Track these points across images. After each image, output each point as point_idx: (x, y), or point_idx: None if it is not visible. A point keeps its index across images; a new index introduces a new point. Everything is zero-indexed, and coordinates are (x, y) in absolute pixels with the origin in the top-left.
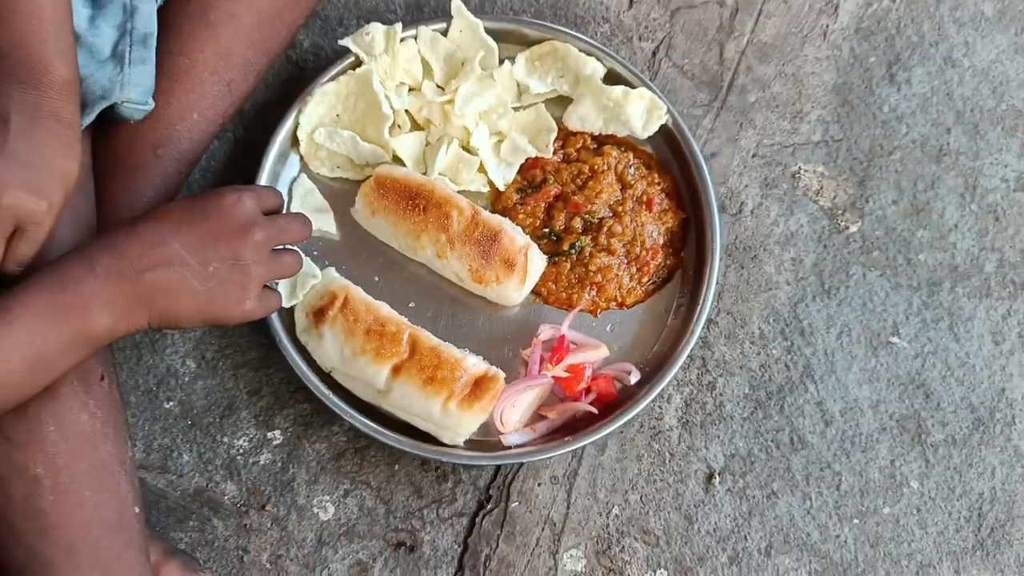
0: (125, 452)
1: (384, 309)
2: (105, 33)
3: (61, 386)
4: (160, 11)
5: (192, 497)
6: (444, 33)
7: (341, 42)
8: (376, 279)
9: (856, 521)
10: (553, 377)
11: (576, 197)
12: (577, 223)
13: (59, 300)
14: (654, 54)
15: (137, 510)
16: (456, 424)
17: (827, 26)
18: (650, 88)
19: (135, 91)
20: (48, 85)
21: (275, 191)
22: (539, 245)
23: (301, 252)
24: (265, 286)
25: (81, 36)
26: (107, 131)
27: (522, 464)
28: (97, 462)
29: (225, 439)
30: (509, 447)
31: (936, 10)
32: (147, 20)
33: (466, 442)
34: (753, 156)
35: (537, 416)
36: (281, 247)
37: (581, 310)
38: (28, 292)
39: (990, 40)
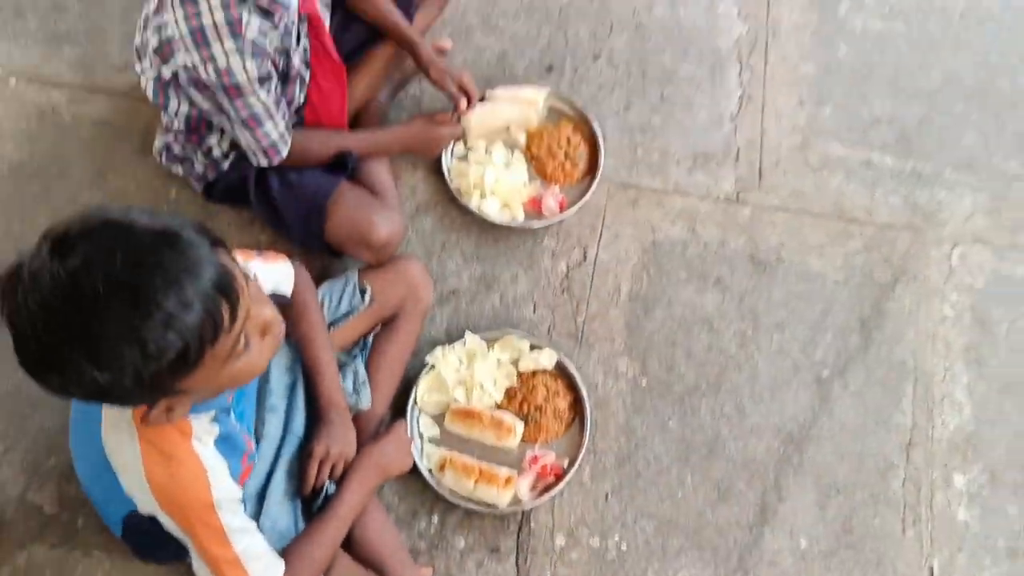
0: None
1: (467, 458)
2: (347, 387)
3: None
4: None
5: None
6: (464, 343)
7: (426, 358)
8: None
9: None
10: (536, 472)
11: (528, 399)
12: (531, 408)
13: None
14: (548, 331)
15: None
16: (502, 498)
17: (618, 298)
18: (550, 347)
19: (363, 404)
20: (340, 407)
21: (405, 423)
22: (518, 417)
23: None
24: None
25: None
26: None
27: (531, 509)
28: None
29: (413, 523)
30: (524, 501)
31: (659, 281)
32: (363, 375)
33: (507, 504)
34: (597, 362)
35: (532, 488)
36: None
37: (540, 443)
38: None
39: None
